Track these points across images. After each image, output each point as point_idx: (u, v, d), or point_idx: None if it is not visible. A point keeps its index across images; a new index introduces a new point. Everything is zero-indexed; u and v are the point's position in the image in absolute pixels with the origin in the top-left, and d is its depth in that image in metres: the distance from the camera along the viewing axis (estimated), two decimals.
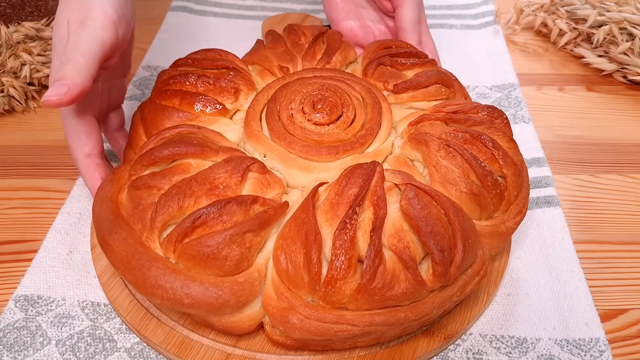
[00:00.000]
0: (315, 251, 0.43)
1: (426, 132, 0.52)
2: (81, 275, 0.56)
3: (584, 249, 0.59)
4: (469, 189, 0.49)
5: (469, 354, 0.50)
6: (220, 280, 0.45)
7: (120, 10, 0.51)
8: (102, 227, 0.48)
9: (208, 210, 0.45)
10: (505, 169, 0.51)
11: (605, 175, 0.68)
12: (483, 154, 0.51)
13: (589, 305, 0.53)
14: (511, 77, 0.84)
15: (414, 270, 0.44)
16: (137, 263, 0.45)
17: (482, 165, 0.50)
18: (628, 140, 0.73)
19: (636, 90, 0.81)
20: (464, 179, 0.49)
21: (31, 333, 0.51)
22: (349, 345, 0.48)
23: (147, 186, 0.48)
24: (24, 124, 0.75)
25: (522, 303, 0.54)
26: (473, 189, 0.49)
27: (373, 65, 0.62)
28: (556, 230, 0.60)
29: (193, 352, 0.49)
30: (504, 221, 0.51)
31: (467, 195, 0.49)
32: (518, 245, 0.59)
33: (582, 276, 0.56)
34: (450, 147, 0.50)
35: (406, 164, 0.52)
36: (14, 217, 0.62)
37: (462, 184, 0.49)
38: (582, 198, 0.65)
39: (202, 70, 0.60)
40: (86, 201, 0.63)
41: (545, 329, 0.52)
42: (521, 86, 0.82)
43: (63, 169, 0.68)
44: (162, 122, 0.55)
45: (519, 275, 0.56)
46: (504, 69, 0.86)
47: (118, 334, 0.51)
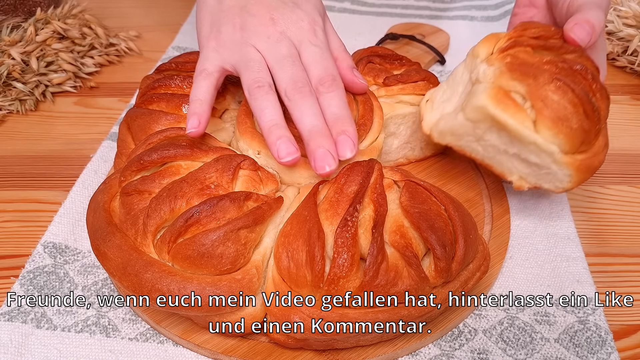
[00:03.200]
0: (319, 249, 0.43)
1: (530, 63, 0.50)
2: None
3: (597, 262, 0.58)
4: (580, 126, 0.49)
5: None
6: (217, 279, 0.44)
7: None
8: (96, 235, 0.48)
9: (201, 208, 0.45)
10: (601, 101, 0.51)
11: (615, 186, 0.67)
12: (582, 87, 0.50)
13: (584, 268, 0.56)
14: None
15: (417, 267, 0.44)
16: (132, 269, 0.45)
17: (591, 101, 0.49)
18: (637, 150, 0.72)
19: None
20: (575, 115, 0.49)
21: (59, 279, 0.54)
22: (352, 343, 0.48)
23: (138, 191, 0.48)
24: (17, 134, 0.74)
25: (521, 265, 0.56)
26: (584, 126, 0.49)
27: (363, 62, 0.64)
28: (556, 202, 0.62)
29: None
30: (595, 154, 0.52)
31: (576, 132, 0.49)
32: (519, 214, 0.61)
33: (577, 242, 0.58)
34: (561, 81, 0.49)
35: (508, 97, 0.50)
36: (7, 230, 0.61)
37: (574, 120, 0.49)
38: (593, 210, 0.64)
39: (186, 73, 0.59)
40: (111, 165, 0.64)
41: (541, 285, 0.54)
42: None
43: (58, 180, 0.67)
44: (150, 126, 0.55)
45: (519, 241, 0.59)
46: None
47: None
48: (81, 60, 0.82)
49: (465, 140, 0.54)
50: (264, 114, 0.50)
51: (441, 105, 0.57)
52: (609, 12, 0.84)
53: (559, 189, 0.54)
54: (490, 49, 0.54)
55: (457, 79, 0.57)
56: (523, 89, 0.50)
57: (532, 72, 0.49)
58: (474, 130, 0.53)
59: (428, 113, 0.58)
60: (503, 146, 0.52)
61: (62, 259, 0.56)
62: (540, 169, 0.53)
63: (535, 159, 0.51)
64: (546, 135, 0.49)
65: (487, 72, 0.52)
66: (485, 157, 0.55)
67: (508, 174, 0.55)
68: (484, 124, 0.51)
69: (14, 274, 0.56)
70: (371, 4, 1.02)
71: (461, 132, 0.54)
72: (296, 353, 0.48)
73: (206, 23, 0.56)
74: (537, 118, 0.49)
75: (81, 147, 0.71)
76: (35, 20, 0.80)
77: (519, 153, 0.52)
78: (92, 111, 0.78)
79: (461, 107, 0.53)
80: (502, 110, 0.49)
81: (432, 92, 0.59)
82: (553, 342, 0.50)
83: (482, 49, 0.54)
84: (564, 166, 0.51)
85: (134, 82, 0.83)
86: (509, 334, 0.50)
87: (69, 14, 0.84)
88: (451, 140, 0.55)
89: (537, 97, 0.49)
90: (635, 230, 0.62)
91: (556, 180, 0.53)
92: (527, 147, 0.51)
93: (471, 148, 0.55)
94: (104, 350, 0.49)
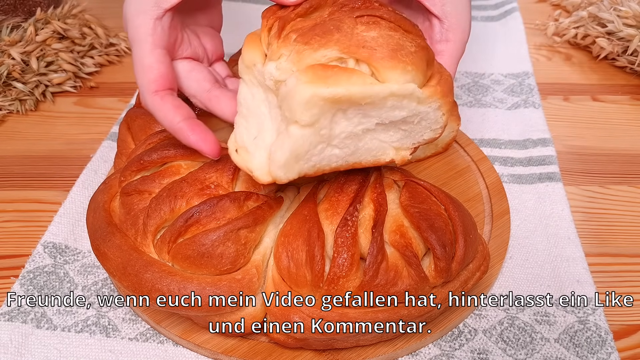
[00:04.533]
0: (319, 248, 0.43)
1: (316, 24, 0.42)
2: None
3: (597, 262, 0.58)
4: (416, 44, 0.42)
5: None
6: (217, 279, 0.44)
7: None
8: (96, 236, 0.48)
9: (201, 208, 0.45)
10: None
11: (615, 186, 0.67)
12: (384, 10, 0.44)
13: (584, 269, 0.55)
14: (526, 66, 0.85)
15: (417, 267, 0.44)
16: (132, 269, 0.45)
17: (402, 15, 0.44)
18: (637, 150, 0.72)
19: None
20: (403, 37, 0.42)
21: (59, 279, 0.54)
22: (351, 343, 0.48)
23: (138, 191, 0.48)
24: (17, 134, 0.73)
25: (521, 266, 0.56)
26: (418, 42, 0.43)
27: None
28: (556, 202, 0.62)
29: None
30: (439, 70, 0.45)
31: (417, 53, 0.42)
32: (519, 214, 0.61)
33: (578, 242, 0.58)
34: (363, 16, 0.42)
35: (327, 67, 0.39)
36: (7, 230, 0.61)
37: (406, 43, 0.42)
38: (593, 210, 0.64)
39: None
40: (111, 165, 0.63)
41: (541, 285, 0.54)
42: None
43: (58, 180, 0.67)
44: (150, 126, 0.55)
45: (519, 241, 0.58)
46: (520, 58, 0.87)
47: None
48: (81, 60, 0.82)
49: (317, 153, 0.42)
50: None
51: (257, 142, 0.44)
52: (609, 12, 0.84)
53: (438, 132, 0.45)
54: (261, 48, 0.45)
55: (250, 105, 0.45)
56: (334, 49, 0.41)
57: (328, 28, 0.41)
58: (319, 133, 0.40)
59: (251, 161, 0.44)
60: (360, 126, 0.42)
61: (62, 259, 0.56)
62: (410, 123, 0.44)
63: (400, 113, 0.42)
64: (396, 77, 0.41)
65: (283, 64, 0.42)
66: (348, 158, 0.44)
67: (383, 156, 0.45)
68: (325, 116, 0.40)
69: (14, 274, 0.56)
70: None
71: (306, 147, 0.41)
72: (296, 353, 0.48)
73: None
74: (372, 67, 0.41)
75: (81, 147, 0.71)
76: (35, 20, 0.80)
77: (380, 120, 0.42)
78: (92, 111, 0.78)
79: (285, 122, 0.41)
80: (334, 84, 0.39)
81: (234, 140, 0.45)
82: (553, 342, 0.50)
83: (252, 54, 0.45)
84: (430, 100, 0.43)
85: (134, 82, 0.82)
86: (509, 334, 0.50)
87: (69, 14, 0.84)
88: (301, 165, 0.42)
89: (356, 46, 0.40)
90: (635, 230, 0.61)
91: (432, 123, 0.45)
92: (386, 105, 0.41)
93: (328, 159, 0.43)
94: (104, 350, 0.49)
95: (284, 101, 0.40)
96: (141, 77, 0.47)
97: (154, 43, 0.47)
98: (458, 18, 0.51)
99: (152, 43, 0.47)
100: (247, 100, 0.45)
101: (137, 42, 0.47)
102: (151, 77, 0.46)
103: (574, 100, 0.80)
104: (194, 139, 0.45)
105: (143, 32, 0.47)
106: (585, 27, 0.89)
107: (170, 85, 0.47)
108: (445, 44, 0.51)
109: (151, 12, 0.46)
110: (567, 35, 0.91)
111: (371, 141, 0.44)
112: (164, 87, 0.46)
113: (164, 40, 0.47)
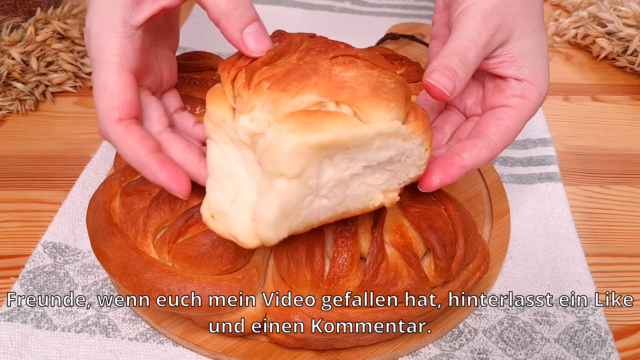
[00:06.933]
0: (318, 248, 0.43)
1: (288, 69, 0.40)
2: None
3: (597, 262, 0.58)
4: (396, 79, 0.42)
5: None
6: (217, 279, 0.44)
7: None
8: (96, 236, 0.48)
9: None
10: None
11: (615, 186, 0.67)
12: (355, 50, 0.43)
13: (584, 269, 0.55)
14: None
15: (417, 267, 0.44)
16: (132, 269, 0.45)
17: (375, 53, 0.43)
18: (637, 150, 0.72)
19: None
20: (381, 74, 0.41)
21: (59, 279, 0.54)
22: (351, 343, 0.48)
23: (138, 191, 0.48)
24: (17, 134, 0.73)
25: (521, 266, 0.56)
26: (395, 78, 0.42)
27: None
28: (556, 202, 0.62)
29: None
30: (414, 107, 0.43)
31: (397, 89, 0.41)
32: (519, 214, 0.61)
33: (578, 242, 0.58)
34: (337, 56, 0.41)
35: (309, 113, 0.37)
36: (7, 230, 0.61)
37: (385, 79, 0.41)
38: (593, 210, 0.64)
39: (186, 73, 0.59)
40: (111, 165, 0.63)
41: (541, 285, 0.54)
42: None
43: (58, 180, 0.67)
44: None
45: (519, 241, 0.59)
46: None
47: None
48: (81, 60, 0.82)
49: (305, 206, 0.38)
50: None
51: (236, 204, 0.41)
52: (609, 12, 0.84)
53: (422, 168, 0.44)
54: (228, 102, 0.42)
55: (223, 165, 0.42)
56: (313, 93, 0.39)
57: (305, 72, 0.39)
58: (307, 184, 0.37)
59: (232, 226, 0.40)
60: (347, 171, 0.39)
61: (62, 259, 0.56)
62: (397, 162, 0.42)
63: (386, 153, 0.40)
64: (380, 116, 0.39)
65: (258, 115, 0.39)
66: (337, 208, 0.41)
67: (372, 201, 0.42)
68: (312, 165, 0.37)
69: (14, 274, 0.56)
70: (371, 4, 1.02)
71: (295, 201, 0.37)
72: (296, 353, 0.48)
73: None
74: (355, 107, 0.39)
75: (81, 147, 0.71)
76: (35, 20, 0.80)
77: (368, 163, 0.40)
78: (92, 111, 0.78)
79: (268, 176, 0.38)
80: (319, 130, 0.36)
81: (207, 206, 0.41)
82: (553, 342, 0.50)
83: (220, 110, 0.42)
84: (414, 136, 0.41)
85: None
86: (509, 334, 0.50)
87: (69, 14, 0.84)
88: (291, 222, 0.38)
89: (337, 87, 0.39)
90: (635, 230, 0.61)
91: (416, 160, 0.43)
92: (372, 146, 0.39)
93: (317, 212, 0.39)
94: (104, 350, 0.49)
95: (264, 155, 0.37)
96: (102, 103, 0.42)
97: (120, 65, 0.42)
98: (537, 78, 0.49)
99: (119, 65, 0.42)
100: (219, 160, 0.42)
101: (102, 62, 0.42)
102: (115, 104, 0.42)
103: (574, 100, 0.80)
104: (163, 177, 0.41)
105: (109, 52, 0.42)
106: (585, 27, 0.89)
107: (136, 114, 0.43)
108: (519, 100, 0.48)
109: (118, 30, 0.42)
110: (567, 35, 0.91)
111: (359, 187, 0.41)
112: (129, 116, 0.42)
113: (133, 63, 0.43)
